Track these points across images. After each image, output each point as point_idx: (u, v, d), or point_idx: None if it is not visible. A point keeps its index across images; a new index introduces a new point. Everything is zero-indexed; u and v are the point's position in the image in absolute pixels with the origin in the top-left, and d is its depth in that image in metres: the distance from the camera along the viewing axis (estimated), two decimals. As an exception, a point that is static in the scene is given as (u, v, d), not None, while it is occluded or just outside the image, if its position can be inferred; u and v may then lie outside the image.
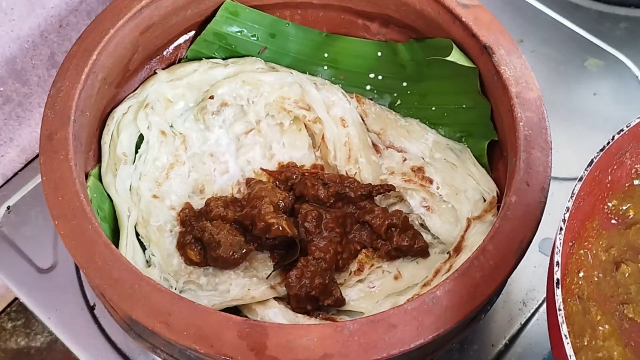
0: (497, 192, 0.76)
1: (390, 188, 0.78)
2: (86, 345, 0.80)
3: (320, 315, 0.72)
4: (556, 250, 0.52)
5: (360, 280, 0.75)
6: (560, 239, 0.52)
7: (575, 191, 0.54)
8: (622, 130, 0.57)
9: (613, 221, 0.60)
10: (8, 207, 0.88)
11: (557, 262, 0.51)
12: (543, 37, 0.99)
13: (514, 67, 0.72)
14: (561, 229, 0.53)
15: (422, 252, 0.75)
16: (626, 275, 0.58)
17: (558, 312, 0.49)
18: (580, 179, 0.55)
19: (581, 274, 0.57)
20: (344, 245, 0.76)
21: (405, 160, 0.81)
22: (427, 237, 0.77)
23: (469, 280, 0.61)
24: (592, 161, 0.55)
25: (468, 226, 0.74)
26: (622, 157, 0.60)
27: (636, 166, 0.62)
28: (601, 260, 0.59)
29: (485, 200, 0.76)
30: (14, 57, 0.82)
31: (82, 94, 0.71)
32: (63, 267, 0.84)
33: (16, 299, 1.08)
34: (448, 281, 0.61)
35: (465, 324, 0.69)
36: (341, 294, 0.73)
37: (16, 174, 0.92)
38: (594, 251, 0.59)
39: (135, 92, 0.82)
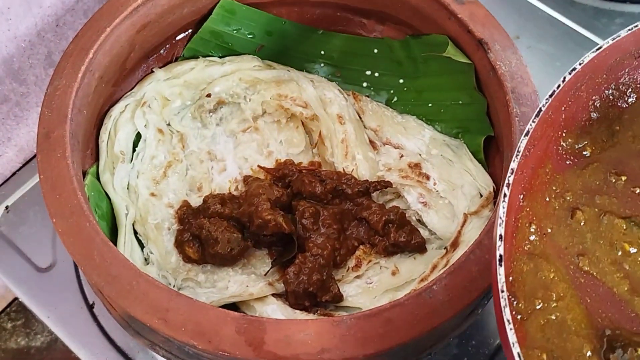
0: (493, 188, 0.76)
1: (387, 184, 0.79)
2: (85, 343, 0.80)
3: (318, 312, 0.72)
4: (499, 221, 0.47)
5: (358, 276, 0.75)
6: (503, 208, 0.48)
7: (520, 149, 0.50)
8: (574, 69, 0.53)
9: (568, 162, 0.55)
10: (6, 207, 0.88)
11: (500, 235, 0.47)
12: (539, 33, 0.99)
13: (509, 62, 0.73)
14: (505, 195, 0.48)
15: (420, 247, 0.75)
16: (582, 223, 0.52)
17: (500, 294, 0.45)
18: (527, 133, 0.50)
19: (532, 228, 0.52)
20: (341, 241, 0.76)
21: (402, 156, 0.81)
22: (424, 233, 0.77)
23: (466, 274, 0.61)
24: (539, 110, 0.51)
25: (465, 221, 0.74)
26: (577, 92, 0.55)
27: (593, 97, 0.57)
28: (555, 208, 0.53)
29: (481, 196, 0.76)
30: (11, 56, 0.82)
31: (79, 93, 0.71)
32: (62, 265, 0.84)
33: (16, 299, 1.08)
34: (444, 275, 0.61)
35: (463, 318, 0.69)
36: (339, 290, 0.73)
37: (14, 173, 0.92)
38: (547, 199, 0.53)
39: (133, 90, 0.82)
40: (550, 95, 0.52)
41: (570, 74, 0.52)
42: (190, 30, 0.85)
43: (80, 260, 0.63)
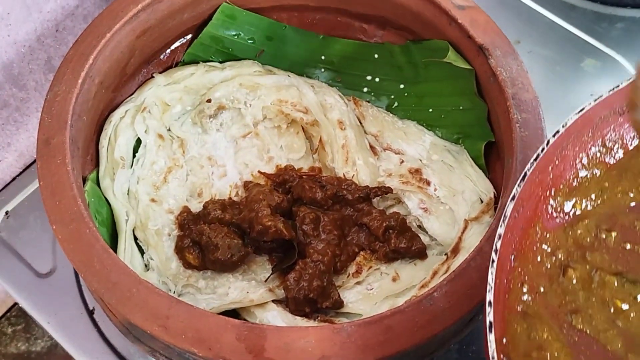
0: (494, 194, 0.76)
1: (388, 190, 0.79)
2: (86, 349, 0.80)
3: (319, 318, 0.72)
4: (488, 287, 0.47)
5: (358, 282, 0.75)
6: (492, 274, 0.47)
7: (508, 213, 0.50)
8: (557, 132, 0.53)
9: (558, 220, 0.55)
10: (7, 212, 0.88)
11: (490, 301, 0.46)
12: (540, 38, 0.99)
13: (510, 68, 0.73)
14: (493, 261, 0.48)
15: (420, 253, 0.75)
16: (573, 281, 0.52)
17: None
18: (513, 198, 0.51)
19: (525, 288, 0.52)
20: (342, 247, 0.76)
21: (402, 162, 0.81)
22: (424, 239, 0.77)
23: (466, 281, 0.61)
24: (525, 174, 0.52)
25: (465, 227, 0.74)
26: (564, 151, 0.55)
27: (580, 155, 0.57)
28: (546, 267, 0.53)
29: (482, 202, 0.76)
30: (11, 61, 0.82)
31: (79, 98, 0.71)
32: (62, 271, 0.84)
33: (16, 303, 1.08)
34: (445, 282, 0.61)
35: (463, 325, 0.69)
36: (339, 296, 0.73)
37: (14, 178, 0.92)
38: (538, 258, 0.53)
39: (133, 96, 0.82)
40: (535, 159, 0.52)
41: (554, 136, 0.53)
42: (190, 36, 0.85)
43: (81, 267, 0.63)
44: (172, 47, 0.85)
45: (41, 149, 0.68)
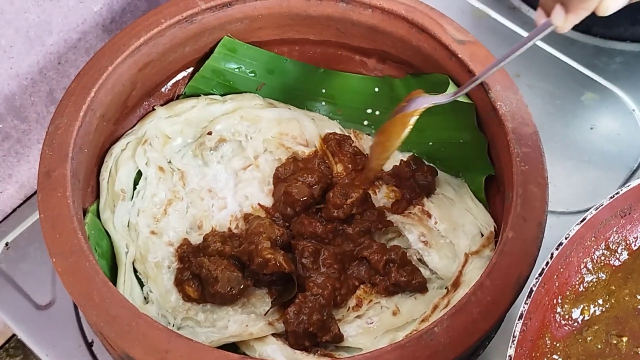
0: (494, 227, 0.76)
1: (388, 224, 0.79)
2: (84, 383, 0.80)
3: (319, 352, 0.72)
4: None
5: (358, 316, 0.75)
6: None
7: (516, 333, 0.51)
8: (560, 244, 0.54)
9: (567, 327, 0.57)
10: (6, 244, 0.88)
11: None
12: (540, 72, 1.00)
13: (510, 102, 0.73)
14: None
15: (420, 287, 0.75)
16: None
17: None
18: (520, 317, 0.51)
19: None
20: (342, 281, 0.75)
21: (403, 194, 0.81)
22: (425, 273, 0.76)
23: (467, 316, 0.61)
24: (531, 290, 0.52)
25: (466, 261, 0.74)
26: (568, 259, 0.57)
27: (585, 260, 0.59)
28: None
29: (482, 235, 0.76)
30: (13, 94, 0.83)
31: (81, 131, 0.71)
32: (61, 303, 0.83)
33: (14, 335, 1.07)
34: (445, 317, 0.61)
35: (464, 360, 0.68)
36: (339, 330, 0.72)
37: (15, 210, 0.92)
38: None
39: (134, 128, 0.82)
40: (540, 274, 0.53)
41: (557, 249, 0.54)
42: (191, 69, 0.86)
43: (80, 300, 0.62)
44: (174, 80, 0.85)
45: (42, 182, 0.68)
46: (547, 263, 0.53)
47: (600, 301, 0.57)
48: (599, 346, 0.55)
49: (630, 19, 1.00)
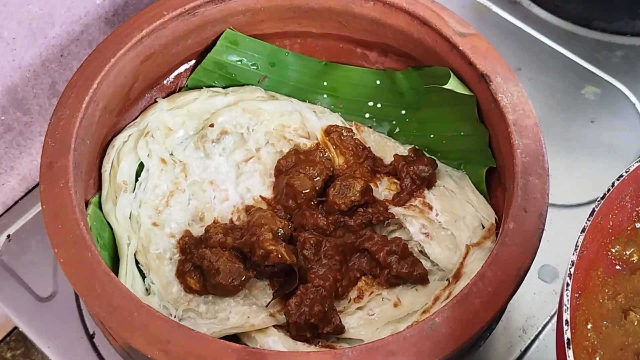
0: (495, 219, 0.76)
1: (390, 216, 0.79)
2: (85, 374, 0.80)
3: (320, 343, 0.72)
4: (564, 307, 0.50)
5: (359, 308, 0.75)
6: (567, 296, 0.51)
7: (579, 243, 0.53)
8: (621, 175, 0.56)
9: (617, 267, 0.59)
10: (8, 236, 0.88)
11: (567, 320, 0.50)
12: (540, 65, 1.00)
13: (510, 94, 0.73)
14: (567, 284, 0.51)
15: (422, 279, 0.75)
16: (635, 324, 0.55)
17: None
18: (583, 230, 0.53)
19: (589, 326, 0.55)
20: (343, 272, 0.76)
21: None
22: (426, 264, 0.77)
23: (468, 307, 0.61)
24: (593, 210, 0.54)
25: (467, 253, 0.74)
26: (623, 201, 0.59)
27: (637, 209, 0.60)
28: (608, 309, 0.56)
29: (484, 227, 0.76)
30: (16, 86, 0.83)
31: (83, 123, 0.71)
32: (63, 295, 0.83)
33: (16, 328, 1.07)
34: (446, 308, 0.61)
35: (465, 351, 0.68)
36: (340, 321, 0.72)
37: (17, 202, 0.92)
38: (601, 300, 0.57)
39: (136, 120, 0.83)
40: (602, 198, 0.55)
41: (618, 180, 0.56)
42: (193, 61, 0.86)
43: (82, 290, 0.62)
44: (176, 73, 0.85)
45: (44, 173, 0.68)
46: (609, 190, 0.55)
47: None
48: None
49: (630, 13, 1.00)
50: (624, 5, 1.01)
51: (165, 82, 0.85)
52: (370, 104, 0.87)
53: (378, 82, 0.87)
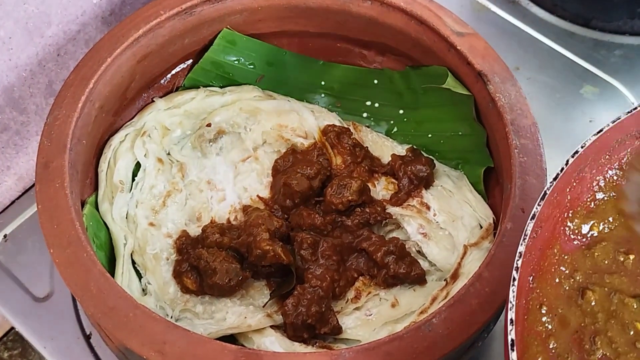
0: (493, 219, 0.76)
1: (387, 216, 0.78)
2: (82, 374, 0.80)
3: (317, 344, 0.72)
4: (509, 304, 0.48)
5: (357, 308, 0.75)
6: (513, 292, 0.48)
7: (528, 231, 0.51)
8: (576, 152, 0.54)
9: (576, 242, 0.56)
10: (5, 236, 0.88)
11: (511, 319, 0.47)
12: (539, 65, 1.00)
13: (508, 94, 0.73)
14: (514, 279, 0.49)
15: (419, 279, 0.75)
16: (592, 303, 0.53)
17: None
18: (533, 217, 0.51)
19: (544, 309, 0.52)
20: (340, 272, 0.75)
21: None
22: (424, 264, 0.76)
23: (465, 307, 0.61)
24: (545, 193, 0.52)
25: (465, 253, 0.74)
26: (581, 173, 0.56)
27: (597, 178, 0.58)
28: (565, 289, 0.54)
29: (481, 227, 0.76)
30: (12, 85, 0.83)
31: (79, 122, 0.71)
32: (59, 295, 0.83)
33: (12, 328, 1.07)
34: (444, 308, 0.61)
35: (462, 352, 0.68)
36: (338, 322, 0.72)
37: (13, 202, 0.92)
38: (557, 280, 0.54)
39: (133, 120, 0.82)
40: (555, 179, 0.53)
41: (573, 157, 0.54)
42: (191, 61, 0.86)
43: (77, 291, 0.62)
44: (173, 72, 0.85)
45: (40, 173, 0.68)
46: (562, 169, 0.53)
47: (610, 219, 0.57)
48: (606, 262, 0.55)
49: (629, 12, 1.00)
50: (622, 5, 1.00)
51: (162, 81, 0.85)
52: (368, 103, 0.87)
53: (376, 81, 0.86)
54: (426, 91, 0.82)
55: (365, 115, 0.87)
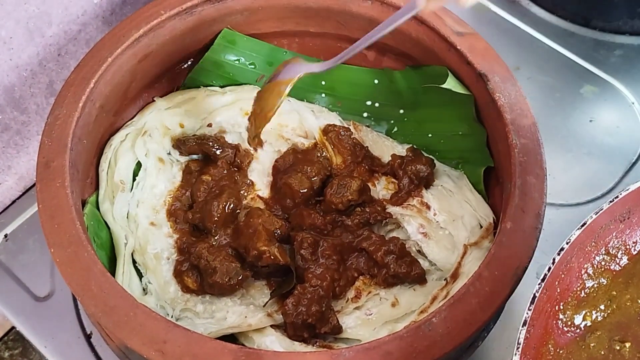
0: (493, 219, 0.76)
1: (387, 216, 0.79)
2: (82, 374, 0.80)
3: (317, 343, 0.72)
4: None
5: (357, 308, 0.75)
6: None
7: (521, 340, 0.51)
8: (562, 249, 0.54)
9: (569, 334, 0.56)
10: (5, 235, 0.88)
11: None
12: (539, 65, 1.00)
13: (508, 94, 0.73)
14: None
15: (419, 279, 0.75)
16: None
17: None
18: (524, 323, 0.51)
19: None
20: (341, 272, 0.75)
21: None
22: (424, 264, 0.76)
23: (465, 307, 0.61)
24: (534, 297, 0.53)
25: (465, 253, 0.74)
26: (568, 264, 0.57)
27: (585, 266, 0.58)
28: None
29: (481, 227, 0.76)
30: (13, 85, 0.83)
31: (80, 122, 0.71)
32: (60, 295, 0.83)
33: (13, 327, 1.07)
34: (444, 308, 0.61)
35: (462, 351, 0.68)
36: (338, 321, 0.72)
37: (14, 201, 0.92)
38: None
39: (133, 119, 0.82)
40: (542, 280, 0.53)
41: (559, 254, 0.54)
42: (191, 60, 0.86)
43: (78, 290, 0.62)
44: (174, 72, 0.85)
45: (41, 172, 0.68)
46: (549, 268, 0.53)
47: (602, 307, 0.57)
48: (602, 352, 0.54)
49: (629, 12, 1.00)
50: (622, 4, 1.00)
51: (163, 81, 0.85)
52: (369, 103, 0.87)
53: (376, 81, 0.86)
54: (426, 91, 0.82)
55: (365, 115, 0.88)
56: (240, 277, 0.73)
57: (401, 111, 0.86)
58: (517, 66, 0.98)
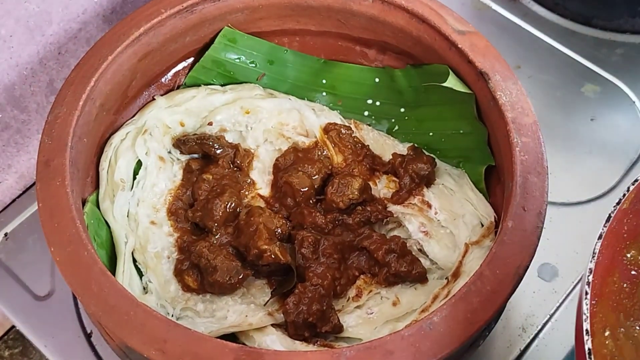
0: (494, 217, 0.76)
1: (388, 214, 0.78)
2: (83, 373, 0.80)
3: (318, 342, 0.72)
4: (584, 316, 0.49)
5: (358, 307, 0.75)
6: (586, 305, 0.50)
7: (596, 250, 0.52)
8: (636, 180, 0.55)
9: (633, 272, 0.57)
10: (5, 234, 0.88)
11: (587, 330, 0.49)
12: (540, 63, 1.00)
13: (509, 92, 0.73)
14: (586, 293, 0.51)
15: (421, 277, 0.75)
16: None
17: None
18: (600, 237, 0.53)
19: (607, 332, 0.54)
20: (342, 271, 0.75)
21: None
22: (425, 263, 0.76)
23: (466, 306, 0.61)
24: (609, 216, 0.54)
25: (466, 251, 0.74)
26: (637, 206, 0.57)
27: None
28: (625, 315, 0.55)
29: (483, 226, 0.76)
30: (13, 84, 0.83)
31: (80, 121, 0.71)
32: (60, 294, 0.83)
33: (13, 326, 1.07)
34: (445, 307, 0.61)
35: (463, 350, 0.68)
36: (339, 320, 0.72)
37: (14, 200, 0.92)
38: (617, 305, 0.56)
39: (134, 118, 0.82)
40: (618, 203, 0.54)
41: (633, 184, 0.55)
42: (192, 59, 0.86)
43: (78, 289, 0.62)
44: (174, 70, 0.85)
45: (41, 171, 0.68)
46: (624, 194, 0.54)
47: None
48: None
49: (630, 10, 1.00)
50: (623, 3, 1.00)
51: (163, 79, 0.85)
52: (369, 101, 0.87)
53: (377, 79, 0.86)
54: (427, 89, 0.82)
55: (366, 113, 0.87)
56: (240, 276, 0.73)
57: (402, 110, 0.86)
58: (518, 65, 0.98)
